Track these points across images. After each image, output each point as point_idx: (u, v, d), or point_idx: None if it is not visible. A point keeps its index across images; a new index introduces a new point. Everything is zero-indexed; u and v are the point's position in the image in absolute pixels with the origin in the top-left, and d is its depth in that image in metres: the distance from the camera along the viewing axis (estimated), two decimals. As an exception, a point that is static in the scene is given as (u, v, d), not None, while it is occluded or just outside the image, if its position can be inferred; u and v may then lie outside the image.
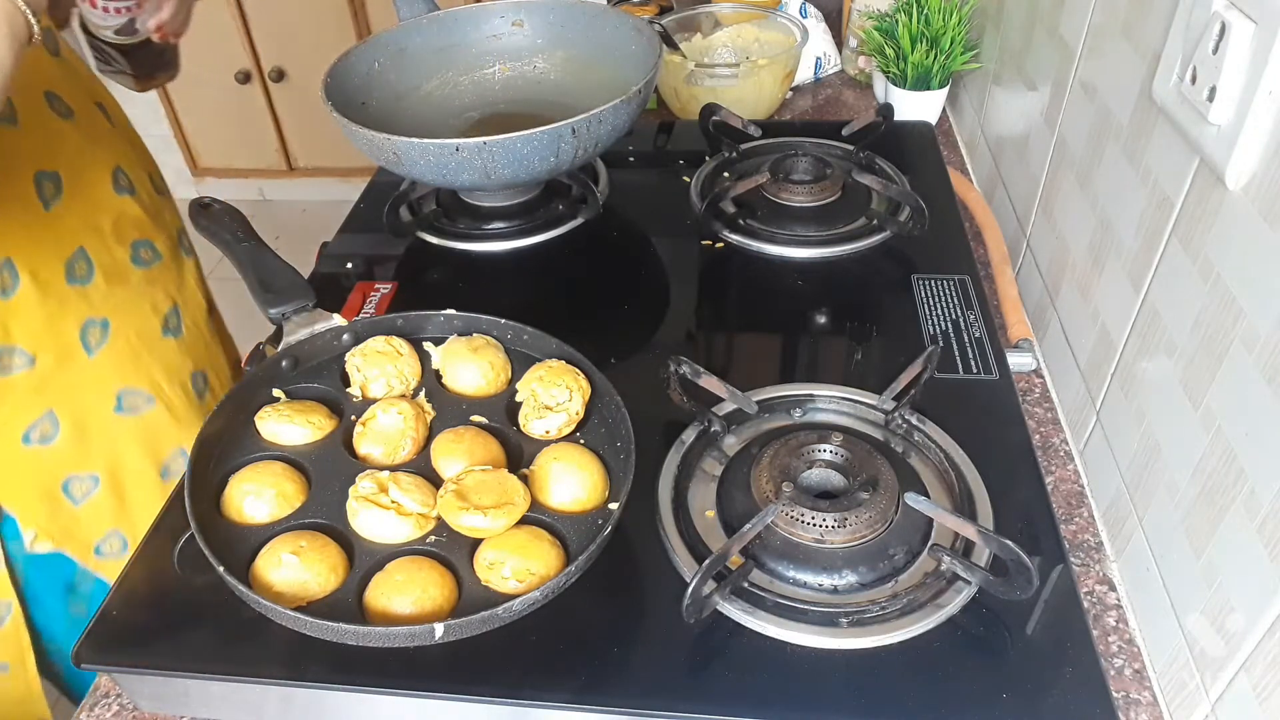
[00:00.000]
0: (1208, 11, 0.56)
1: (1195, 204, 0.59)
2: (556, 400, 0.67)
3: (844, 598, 0.59)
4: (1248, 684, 0.51)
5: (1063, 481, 0.75)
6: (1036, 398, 0.83)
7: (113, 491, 0.88)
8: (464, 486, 0.60)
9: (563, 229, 0.96)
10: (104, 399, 0.86)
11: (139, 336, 0.88)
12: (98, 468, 0.87)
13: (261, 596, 0.54)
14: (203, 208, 0.82)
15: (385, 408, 0.67)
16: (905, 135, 1.09)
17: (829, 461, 0.64)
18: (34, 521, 0.84)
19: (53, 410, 0.83)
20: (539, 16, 1.07)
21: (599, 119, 0.84)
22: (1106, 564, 0.69)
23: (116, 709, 0.63)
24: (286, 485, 0.63)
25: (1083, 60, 0.81)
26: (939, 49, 1.17)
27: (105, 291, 0.85)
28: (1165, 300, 0.63)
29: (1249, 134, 0.52)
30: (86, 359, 0.84)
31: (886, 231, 0.91)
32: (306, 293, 0.76)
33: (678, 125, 1.17)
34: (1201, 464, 0.57)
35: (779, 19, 1.31)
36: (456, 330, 0.75)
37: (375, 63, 1.00)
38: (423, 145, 0.82)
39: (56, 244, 0.81)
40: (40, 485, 0.84)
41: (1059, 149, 0.86)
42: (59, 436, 0.83)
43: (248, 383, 0.69)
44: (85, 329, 0.83)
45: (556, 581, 0.55)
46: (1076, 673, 0.54)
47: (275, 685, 0.57)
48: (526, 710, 0.56)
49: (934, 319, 0.82)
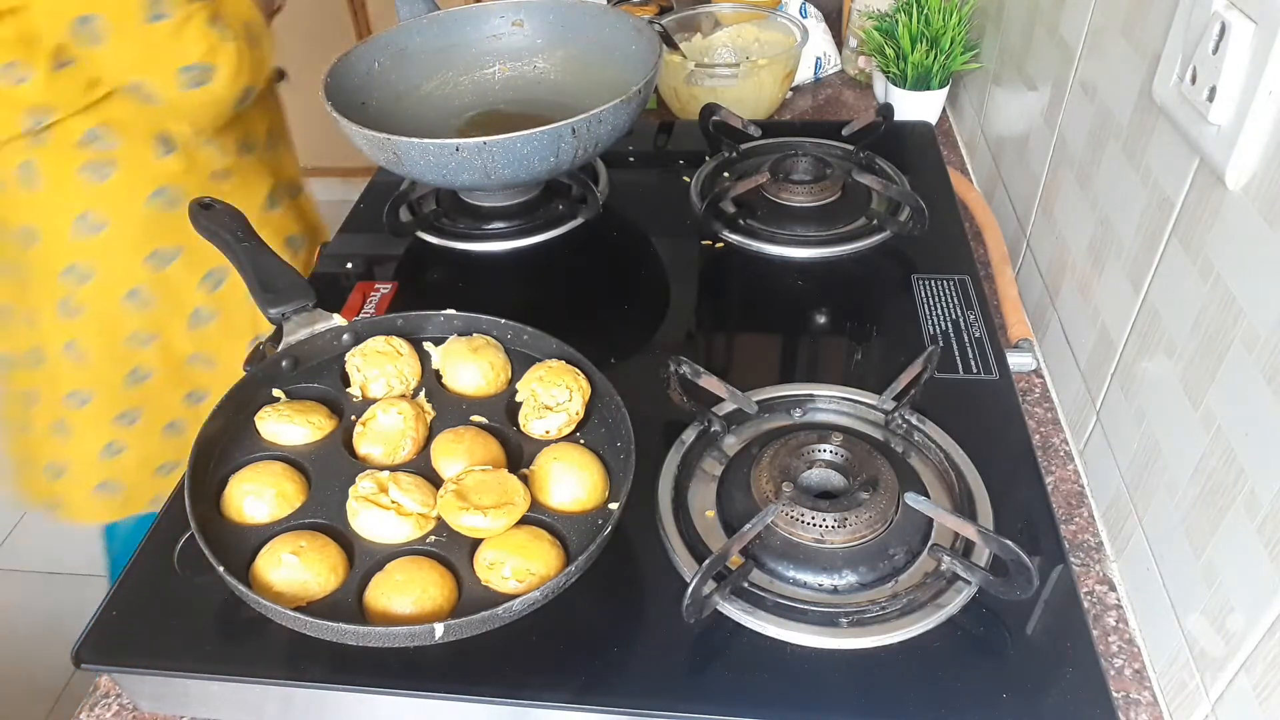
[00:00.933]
0: (1208, 11, 0.56)
1: (1195, 204, 0.59)
2: (556, 400, 0.67)
3: (844, 598, 0.59)
4: (1248, 684, 0.51)
5: (1063, 481, 0.75)
6: (1036, 398, 0.83)
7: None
8: (464, 486, 0.60)
9: (563, 229, 0.96)
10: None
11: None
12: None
13: (261, 596, 0.54)
14: (203, 208, 0.82)
15: (385, 408, 0.67)
16: (905, 135, 1.09)
17: (829, 461, 0.64)
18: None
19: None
20: (539, 16, 1.07)
21: (599, 119, 0.84)
22: (1106, 564, 0.69)
23: (116, 709, 0.63)
24: (286, 485, 0.63)
25: (1083, 60, 0.81)
26: (939, 49, 1.17)
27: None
28: (1165, 300, 0.63)
29: (1249, 134, 0.52)
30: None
31: (886, 231, 0.91)
32: (306, 293, 0.76)
33: (678, 125, 1.17)
34: (1201, 464, 0.57)
35: (779, 19, 1.31)
36: (456, 330, 0.75)
37: (375, 63, 1.00)
38: (423, 145, 0.82)
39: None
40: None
41: (1059, 149, 0.86)
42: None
43: (248, 383, 0.69)
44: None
45: (556, 581, 0.55)
46: (1076, 673, 0.54)
47: (275, 685, 0.57)
48: (526, 710, 0.56)
49: (934, 319, 0.82)
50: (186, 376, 1.11)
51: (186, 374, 1.11)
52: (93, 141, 0.96)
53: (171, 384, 1.11)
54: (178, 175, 1.02)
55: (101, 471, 1.12)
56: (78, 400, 1.08)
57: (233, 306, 1.10)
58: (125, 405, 1.09)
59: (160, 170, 1.01)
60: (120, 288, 1.03)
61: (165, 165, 1.01)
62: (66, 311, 1.03)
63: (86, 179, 0.97)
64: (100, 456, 1.11)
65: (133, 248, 1.02)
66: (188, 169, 1.02)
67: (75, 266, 1.01)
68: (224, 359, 1.11)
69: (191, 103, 0.94)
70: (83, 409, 1.08)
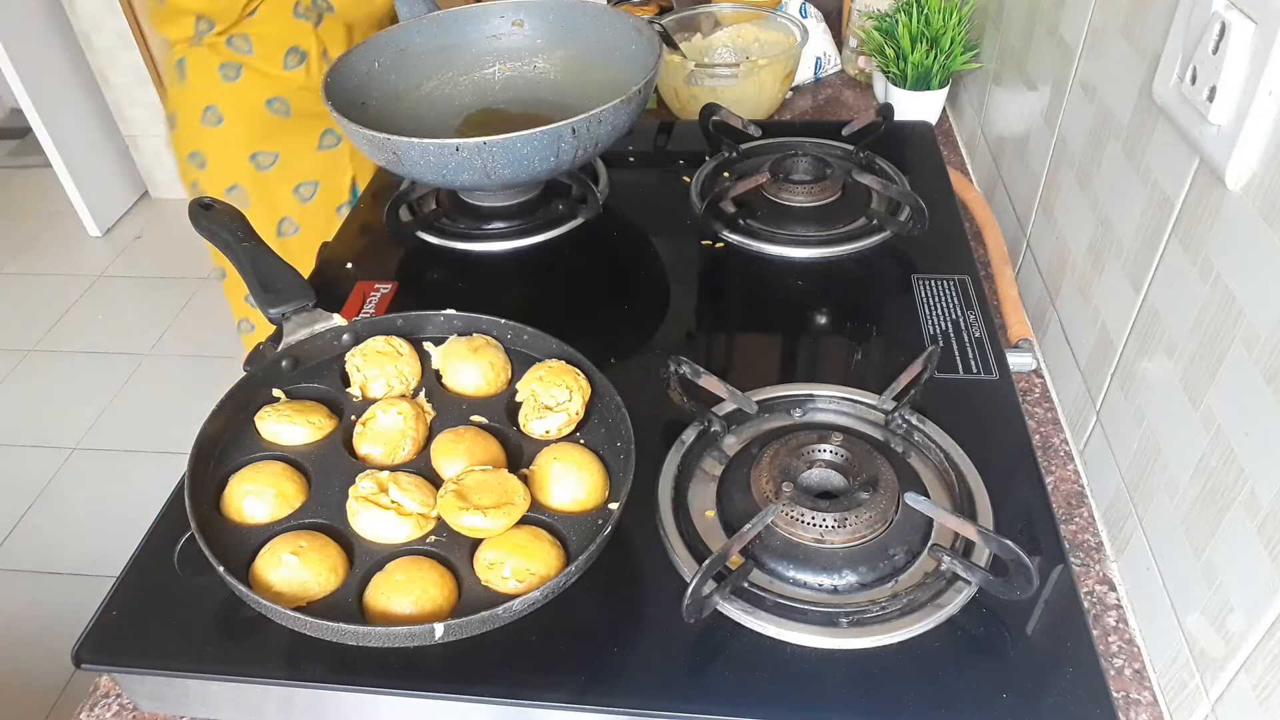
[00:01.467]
0: (1208, 11, 0.56)
1: (1195, 204, 0.59)
2: (556, 400, 0.67)
3: (844, 598, 0.59)
4: (1248, 684, 0.51)
5: (1063, 481, 0.75)
6: (1036, 398, 0.83)
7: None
8: (464, 486, 0.60)
9: (563, 229, 0.96)
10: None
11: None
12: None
13: (261, 596, 0.54)
14: (203, 208, 0.82)
15: (385, 408, 0.67)
16: (905, 135, 1.09)
17: (829, 461, 0.64)
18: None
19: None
20: (539, 16, 1.07)
21: (599, 119, 0.84)
22: (1106, 564, 0.69)
23: (116, 709, 0.63)
24: (286, 485, 0.63)
25: (1083, 60, 0.81)
26: (939, 49, 1.17)
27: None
28: (1165, 300, 0.63)
29: (1249, 134, 0.52)
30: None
31: (886, 231, 0.91)
32: (306, 293, 0.76)
33: (678, 125, 1.17)
34: (1201, 464, 0.57)
35: (779, 19, 1.31)
36: (456, 330, 0.75)
37: (375, 63, 1.00)
38: (423, 145, 0.82)
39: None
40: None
41: (1059, 149, 0.86)
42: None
43: (248, 383, 0.69)
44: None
45: (556, 581, 0.55)
46: (1076, 673, 0.54)
47: (275, 685, 0.57)
48: (526, 710, 0.56)
49: (934, 319, 0.82)
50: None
51: None
52: (234, 47, 1.15)
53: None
54: (296, 88, 1.18)
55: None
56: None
57: (314, 225, 1.23)
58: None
59: (284, 81, 1.17)
60: (226, 180, 1.20)
61: (290, 77, 1.17)
62: (194, 191, 1.23)
63: (221, 77, 1.16)
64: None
65: (242, 144, 1.20)
66: (305, 84, 1.18)
67: (197, 153, 1.21)
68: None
69: (357, 13, 1.16)
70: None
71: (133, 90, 2.83)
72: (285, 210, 1.23)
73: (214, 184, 1.21)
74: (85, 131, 2.86)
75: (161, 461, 2.17)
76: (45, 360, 2.50)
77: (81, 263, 2.85)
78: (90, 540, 2.00)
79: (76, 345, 2.54)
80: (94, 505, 2.09)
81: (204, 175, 1.21)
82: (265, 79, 1.17)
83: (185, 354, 2.49)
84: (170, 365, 2.47)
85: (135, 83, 2.81)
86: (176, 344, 2.53)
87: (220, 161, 1.20)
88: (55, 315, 2.65)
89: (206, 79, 1.16)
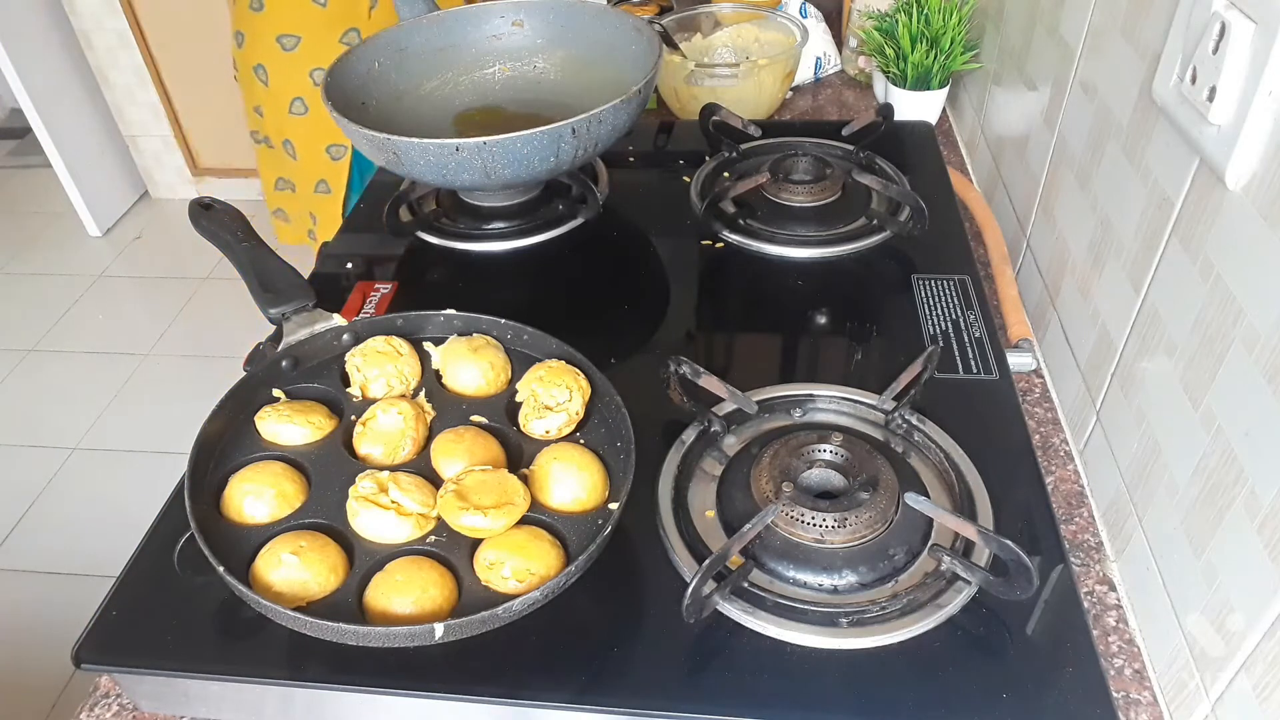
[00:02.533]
0: (1208, 11, 0.56)
1: (1195, 204, 0.59)
2: (556, 400, 0.67)
3: (844, 598, 0.59)
4: (1248, 684, 0.51)
5: (1063, 481, 0.75)
6: (1036, 398, 0.83)
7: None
8: (464, 486, 0.60)
9: (563, 229, 0.96)
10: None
11: None
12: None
13: (261, 596, 0.54)
14: (203, 208, 0.82)
15: (385, 408, 0.67)
16: (905, 135, 1.09)
17: (829, 461, 0.64)
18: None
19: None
20: (539, 16, 1.07)
21: (599, 119, 0.84)
22: (1106, 564, 0.69)
23: (116, 709, 0.63)
24: (286, 485, 0.63)
25: (1083, 60, 0.81)
26: (939, 49, 1.17)
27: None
28: (1165, 300, 0.63)
29: (1249, 134, 0.52)
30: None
31: (886, 231, 0.91)
32: (306, 293, 0.76)
33: (678, 125, 1.17)
34: (1201, 464, 0.57)
35: (779, 19, 1.31)
36: (456, 330, 0.75)
37: (375, 63, 1.00)
38: (423, 145, 0.82)
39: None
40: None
41: (1059, 149, 0.86)
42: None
43: (248, 383, 0.69)
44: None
45: (556, 581, 0.55)
46: (1076, 673, 0.54)
47: (275, 685, 0.57)
48: (526, 710, 0.56)
49: (934, 319, 0.82)
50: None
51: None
52: None
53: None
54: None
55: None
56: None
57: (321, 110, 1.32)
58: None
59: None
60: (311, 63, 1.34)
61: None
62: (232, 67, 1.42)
63: None
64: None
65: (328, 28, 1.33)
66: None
67: (240, 33, 1.38)
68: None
69: None
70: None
71: (133, 90, 2.83)
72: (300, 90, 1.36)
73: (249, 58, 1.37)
74: (85, 131, 2.85)
75: (161, 461, 2.17)
76: (45, 360, 2.50)
77: (82, 263, 2.85)
78: (90, 540, 2.00)
79: (76, 345, 2.54)
80: (94, 505, 2.09)
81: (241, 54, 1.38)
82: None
83: (185, 354, 2.49)
84: (170, 365, 2.47)
85: (135, 83, 2.81)
86: (176, 344, 2.53)
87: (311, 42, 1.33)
88: (55, 315, 2.65)
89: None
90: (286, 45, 1.33)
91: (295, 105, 1.38)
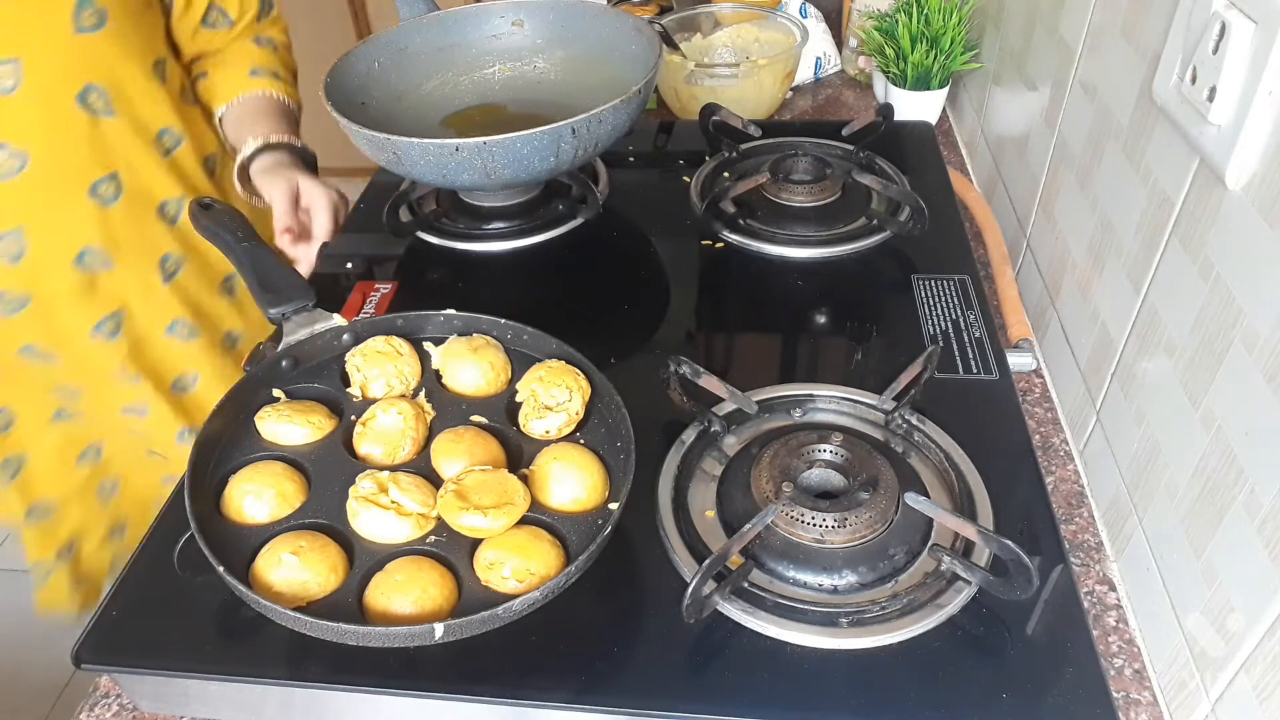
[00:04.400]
0: (1208, 11, 0.56)
1: (1195, 204, 0.59)
2: (556, 400, 0.67)
3: (844, 598, 0.59)
4: (1248, 684, 0.51)
5: (1063, 481, 0.75)
6: (1036, 398, 0.83)
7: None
8: (464, 486, 0.60)
9: (563, 229, 0.96)
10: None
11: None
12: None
13: (261, 596, 0.54)
14: (203, 208, 0.82)
15: (385, 408, 0.67)
16: (905, 135, 1.09)
17: (829, 461, 0.64)
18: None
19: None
20: (539, 16, 1.07)
21: (599, 119, 0.84)
22: (1106, 564, 0.69)
23: (116, 709, 0.63)
24: (286, 485, 0.63)
25: (1083, 60, 0.81)
26: (939, 49, 1.17)
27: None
28: (1165, 300, 0.63)
29: (1249, 134, 0.52)
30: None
31: (886, 231, 0.91)
32: (306, 293, 0.76)
33: (678, 125, 1.17)
34: (1201, 464, 0.57)
35: (779, 19, 1.31)
36: (456, 330, 0.75)
37: (375, 63, 1.00)
38: (423, 145, 0.82)
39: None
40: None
41: (1059, 149, 0.86)
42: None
43: (247, 383, 0.69)
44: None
45: (556, 581, 0.55)
46: (1076, 673, 0.54)
47: (275, 685, 0.57)
48: (526, 710, 0.56)
49: (934, 319, 0.82)
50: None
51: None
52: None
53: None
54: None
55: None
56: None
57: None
58: None
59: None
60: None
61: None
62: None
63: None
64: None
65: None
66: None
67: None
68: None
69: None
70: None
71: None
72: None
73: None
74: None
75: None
76: (45, 360, 2.50)
77: (81, 263, 2.84)
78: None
79: (76, 345, 2.54)
80: (94, 505, 2.08)
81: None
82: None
83: (185, 354, 2.49)
84: (170, 365, 2.46)
85: (135, 83, 2.80)
86: (176, 344, 2.53)
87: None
88: (55, 315, 2.64)
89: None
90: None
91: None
